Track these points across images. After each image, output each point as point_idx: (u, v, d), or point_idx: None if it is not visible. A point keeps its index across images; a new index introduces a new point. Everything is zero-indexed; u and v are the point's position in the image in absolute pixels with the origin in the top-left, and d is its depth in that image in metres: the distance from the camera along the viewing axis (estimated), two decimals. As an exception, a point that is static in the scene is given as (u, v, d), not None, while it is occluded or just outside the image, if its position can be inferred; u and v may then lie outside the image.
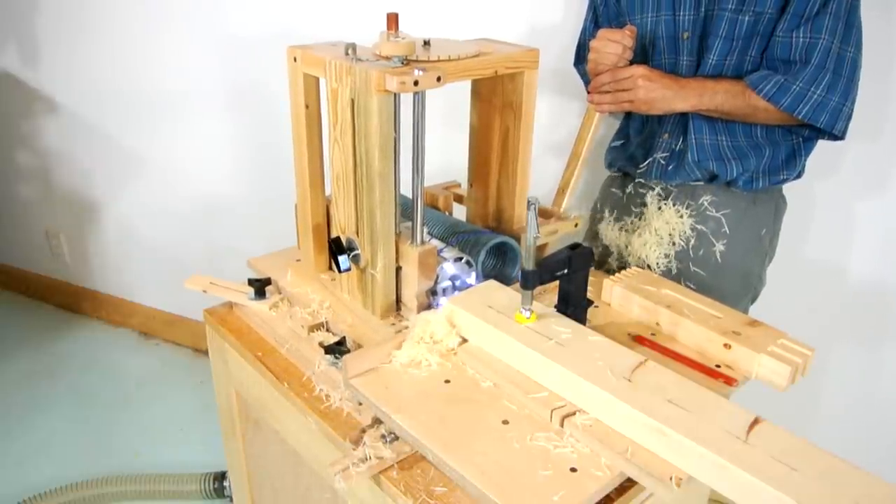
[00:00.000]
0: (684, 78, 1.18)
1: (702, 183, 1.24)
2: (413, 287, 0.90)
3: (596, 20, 1.34)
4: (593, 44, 1.17)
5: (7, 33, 2.27)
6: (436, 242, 0.94)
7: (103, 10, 2.07)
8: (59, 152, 2.38)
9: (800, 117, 1.12)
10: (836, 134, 1.15)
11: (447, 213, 1.16)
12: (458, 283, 0.94)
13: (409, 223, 0.92)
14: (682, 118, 1.22)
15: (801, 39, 1.11)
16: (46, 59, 2.24)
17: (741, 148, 1.22)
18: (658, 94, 1.14)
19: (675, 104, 1.15)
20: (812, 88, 1.10)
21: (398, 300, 0.93)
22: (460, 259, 0.93)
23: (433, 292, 0.92)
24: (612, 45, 1.15)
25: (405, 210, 0.96)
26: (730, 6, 1.13)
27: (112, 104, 2.19)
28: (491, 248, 0.97)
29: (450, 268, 0.93)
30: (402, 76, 0.78)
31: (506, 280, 1.00)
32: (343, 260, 0.91)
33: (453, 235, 1.00)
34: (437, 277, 0.92)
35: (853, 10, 1.12)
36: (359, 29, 0.99)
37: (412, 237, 0.90)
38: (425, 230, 0.92)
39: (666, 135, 1.25)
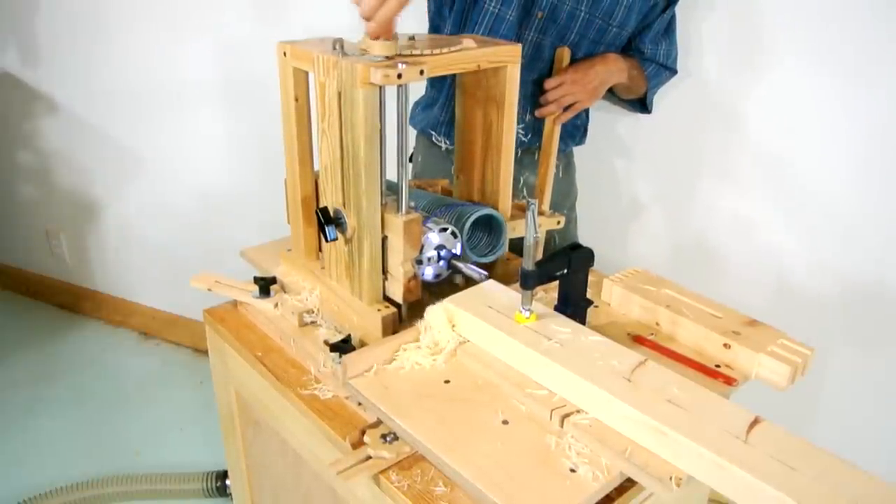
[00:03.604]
0: (588, 58, 1.32)
1: None
2: (399, 256, 0.91)
3: None
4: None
5: (7, 33, 2.27)
6: (422, 213, 0.96)
7: (103, 11, 2.07)
8: (59, 152, 2.38)
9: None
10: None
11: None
12: (443, 252, 0.95)
13: (395, 196, 0.93)
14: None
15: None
16: (46, 59, 2.24)
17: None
18: (595, 83, 1.30)
19: (609, 81, 1.34)
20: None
21: (384, 270, 0.94)
22: (445, 230, 0.94)
23: (418, 262, 0.93)
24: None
25: (391, 185, 0.98)
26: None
27: (112, 104, 2.19)
28: (476, 220, 0.99)
29: (435, 237, 0.93)
30: (386, 70, 0.80)
31: (490, 252, 1.03)
32: (330, 229, 0.92)
33: (438, 208, 1.02)
34: (423, 247, 0.93)
35: None
36: (350, 25, 1.01)
37: (398, 208, 0.92)
38: (411, 203, 0.94)
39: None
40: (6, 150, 2.48)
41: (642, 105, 1.51)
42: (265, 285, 1.03)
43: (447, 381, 0.82)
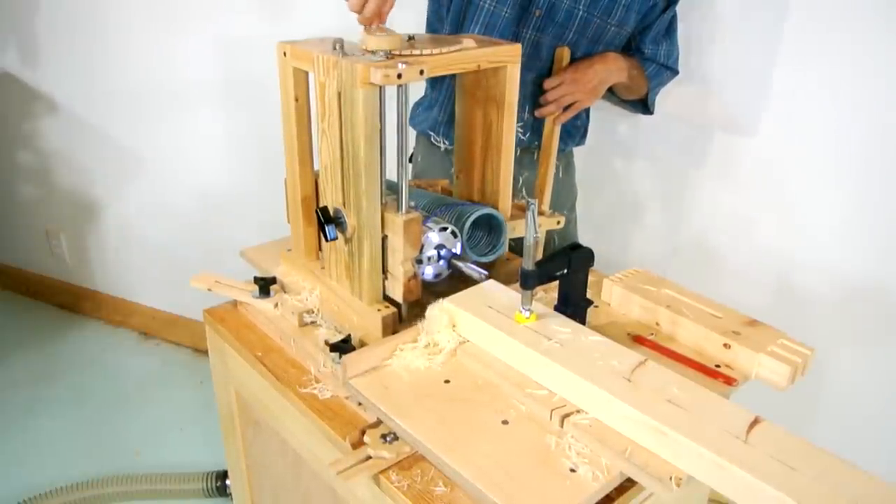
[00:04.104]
0: (588, 57, 1.31)
1: None
2: (399, 255, 0.91)
3: None
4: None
5: (7, 33, 2.27)
6: (422, 213, 0.96)
7: (103, 11, 2.07)
8: (59, 152, 2.38)
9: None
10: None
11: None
12: (443, 252, 0.95)
13: (395, 196, 0.94)
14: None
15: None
16: (46, 59, 2.24)
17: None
18: (595, 82, 1.30)
19: (608, 80, 1.33)
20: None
21: (384, 270, 0.95)
22: (445, 229, 0.95)
23: (418, 261, 0.93)
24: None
25: (391, 184, 0.98)
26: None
27: (112, 104, 2.19)
28: (476, 219, 0.99)
29: (435, 237, 0.94)
30: (386, 69, 0.80)
31: (490, 251, 1.03)
32: (330, 228, 0.92)
33: (438, 208, 1.02)
34: (423, 247, 0.93)
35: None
36: (349, 25, 1.01)
37: (398, 207, 0.92)
38: (411, 203, 0.94)
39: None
40: (6, 150, 2.48)
41: (644, 106, 1.50)
42: (265, 285, 1.03)
43: (447, 381, 0.82)
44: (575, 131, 1.48)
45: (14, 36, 2.26)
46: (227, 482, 1.75)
